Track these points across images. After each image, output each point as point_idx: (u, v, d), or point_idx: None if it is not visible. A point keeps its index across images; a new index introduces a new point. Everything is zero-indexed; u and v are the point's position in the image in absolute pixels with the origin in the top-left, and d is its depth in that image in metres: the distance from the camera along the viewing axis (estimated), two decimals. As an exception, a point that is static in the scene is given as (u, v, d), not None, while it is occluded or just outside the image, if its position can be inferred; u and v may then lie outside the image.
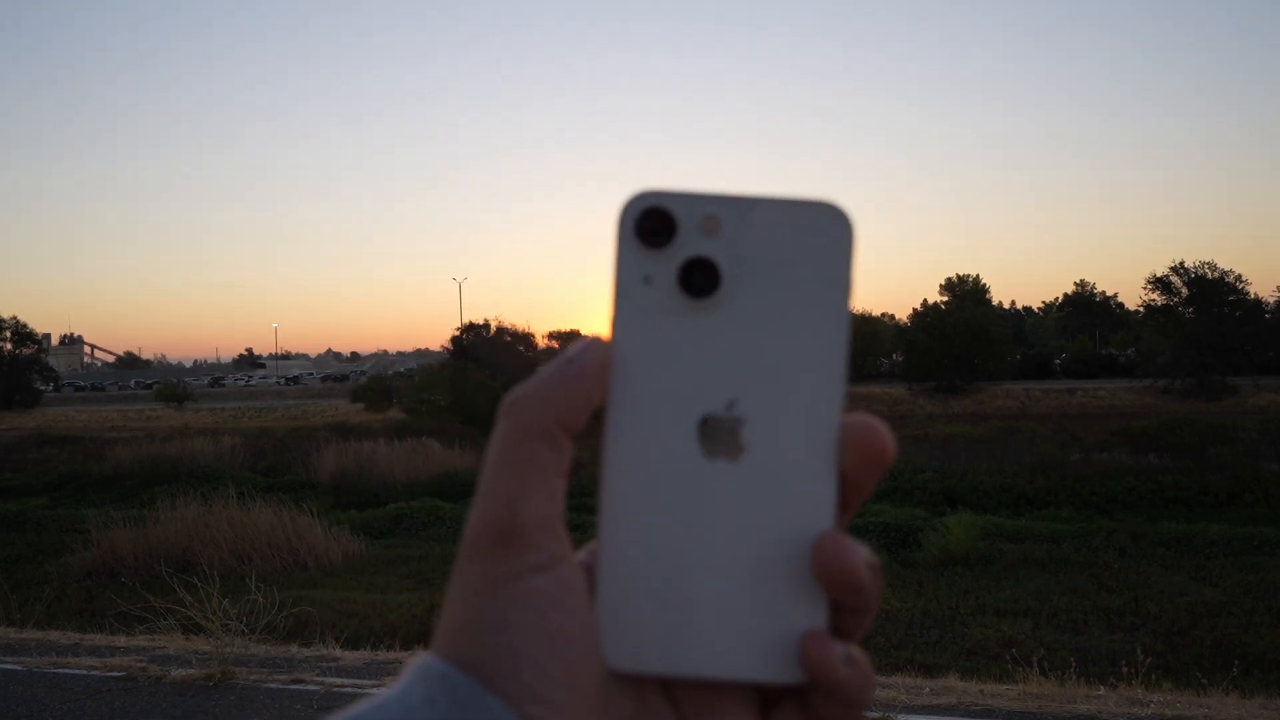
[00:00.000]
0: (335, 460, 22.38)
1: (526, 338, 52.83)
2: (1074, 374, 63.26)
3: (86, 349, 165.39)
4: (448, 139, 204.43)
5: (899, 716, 4.71)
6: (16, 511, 17.59)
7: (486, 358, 41.16)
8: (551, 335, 54.92)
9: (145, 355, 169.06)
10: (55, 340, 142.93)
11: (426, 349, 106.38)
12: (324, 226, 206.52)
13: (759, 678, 0.38)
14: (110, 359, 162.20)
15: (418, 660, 0.40)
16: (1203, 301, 49.68)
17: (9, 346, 69.34)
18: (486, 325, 51.36)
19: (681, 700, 0.40)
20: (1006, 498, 17.55)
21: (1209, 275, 50.34)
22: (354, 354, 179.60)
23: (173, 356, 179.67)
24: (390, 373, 71.03)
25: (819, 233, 0.38)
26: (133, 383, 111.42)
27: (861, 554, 0.39)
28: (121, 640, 5.83)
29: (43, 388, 73.90)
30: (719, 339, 0.38)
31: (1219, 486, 17.83)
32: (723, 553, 0.38)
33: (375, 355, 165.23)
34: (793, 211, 0.38)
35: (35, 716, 4.50)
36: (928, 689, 5.53)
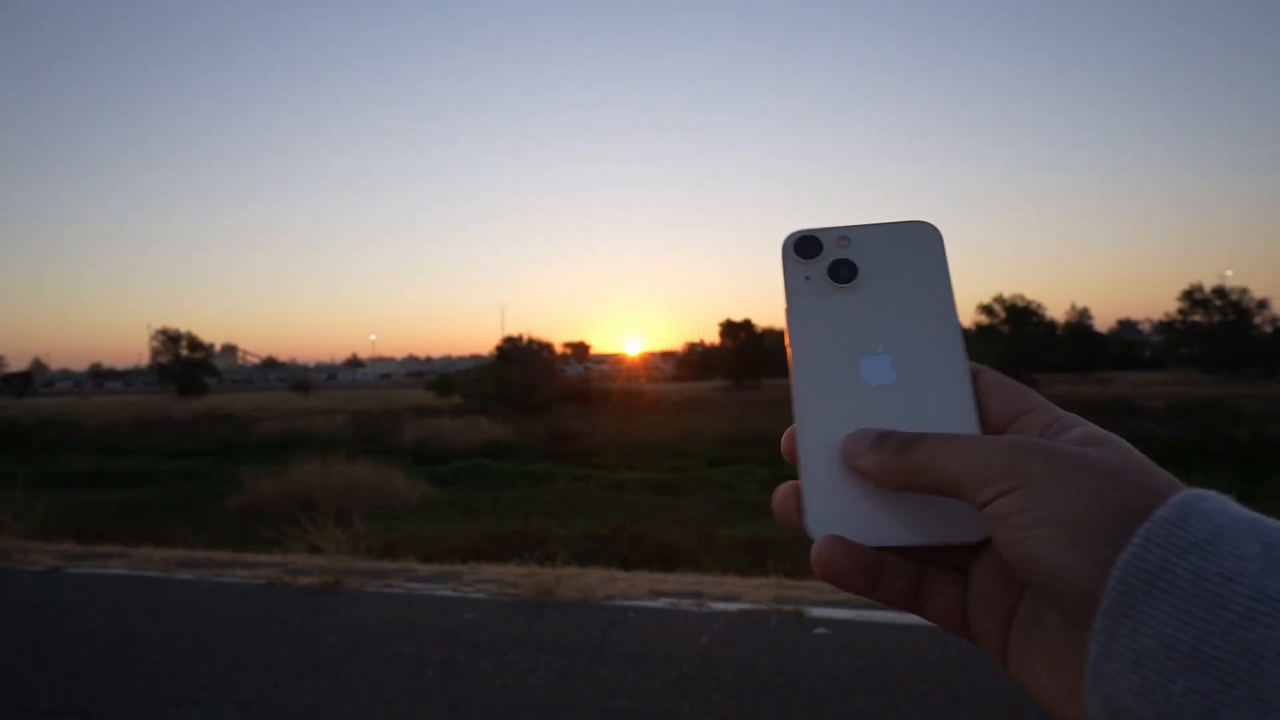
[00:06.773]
0: (415, 431, 22.26)
1: (548, 346, 52.60)
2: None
3: (240, 353, 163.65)
4: (508, 193, 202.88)
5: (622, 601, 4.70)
6: (192, 468, 17.44)
7: (520, 360, 40.95)
8: (566, 344, 54.90)
9: (282, 358, 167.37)
10: (218, 348, 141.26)
11: (479, 354, 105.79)
12: (406, 263, 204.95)
13: (953, 539, 0.35)
14: (257, 361, 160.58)
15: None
16: (1015, 321, 50.41)
17: (185, 352, 68.60)
18: (520, 337, 51.12)
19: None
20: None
21: (1019, 303, 51.06)
22: (428, 357, 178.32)
23: (301, 359, 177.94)
24: (454, 371, 70.65)
25: (918, 239, 0.40)
26: (273, 378, 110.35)
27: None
28: (264, 557, 5.78)
29: (208, 381, 73.08)
30: (862, 308, 0.39)
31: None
32: None
33: (443, 358, 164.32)
34: (896, 228, 0.40)
35: (203, 611, 4.47)
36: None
